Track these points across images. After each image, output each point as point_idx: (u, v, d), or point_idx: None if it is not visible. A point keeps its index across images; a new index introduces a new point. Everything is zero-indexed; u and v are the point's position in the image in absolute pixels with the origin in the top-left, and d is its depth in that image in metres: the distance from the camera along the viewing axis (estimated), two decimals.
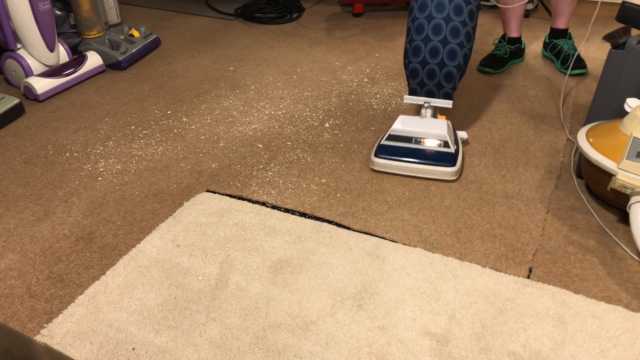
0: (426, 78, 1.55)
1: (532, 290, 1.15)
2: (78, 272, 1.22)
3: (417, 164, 1.50)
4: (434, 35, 1.50)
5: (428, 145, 1.52)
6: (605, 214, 1.38)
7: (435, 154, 1.51)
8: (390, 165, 1.52)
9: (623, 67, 1.45)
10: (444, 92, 1.56)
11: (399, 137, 1.55)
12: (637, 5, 1.52)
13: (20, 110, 1.90)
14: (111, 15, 2.36)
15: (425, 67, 1.53)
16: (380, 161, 1.53)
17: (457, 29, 1.48)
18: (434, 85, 1.55)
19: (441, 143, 1.51)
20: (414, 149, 1.52)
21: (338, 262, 1.23)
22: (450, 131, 1.55)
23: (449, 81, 1.53)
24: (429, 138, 1.53)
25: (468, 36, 1.49)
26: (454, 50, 1.49)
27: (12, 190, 1.51)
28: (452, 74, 1.52)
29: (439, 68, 1.52)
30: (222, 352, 1.02)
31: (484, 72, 2.16)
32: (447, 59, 1.50)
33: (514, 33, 2.19)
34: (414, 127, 1.55)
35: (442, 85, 1.54)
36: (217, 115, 1.90)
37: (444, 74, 1.52)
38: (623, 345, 1.02)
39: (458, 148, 1.55)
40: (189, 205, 1.42)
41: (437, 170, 1.49)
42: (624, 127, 1.31)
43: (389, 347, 1.02)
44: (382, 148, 1.55)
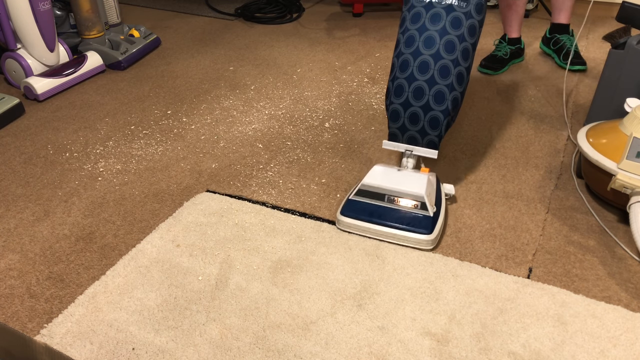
0: (408, 122, 1.35)
1: (532, 290, 1.15)
2: (78, 272, 1.22)
3: (388, 227, 1.28)
4: (419, 74, 1.30)
5: (402, 205, 1.30)
6: (605, 214, 1.38)
7: (409, 217, 1.28)
8: (357, 226, 1.31)
9: (623, 67, 1.45)
10: (428, 140, 1.35)
11: (369, 193, 1.33)
12: (637, 5, 1.52)
13: (20, 110, 1.90)
14: (111, 15, 2.36)
15: (408, 110, 1.33)
16: (345, 220, 1.31)
17: (447, 68, 1.29)
18: (417, 132, 1.35)
19: (417, 204, 1.29)
20: (386, 209, 1.31)
21: (338, 262, 1.23)
22: (431, 189, 1.33)
23: (434, 128, 1.33)
24: (403, 197, 1.31)
25: (460, 77, 1.30)
26: (441, 93, 1.30)
27: (12, 190, 1.51)
28: (438, 120, 1.31)
29: (423, 112, 1.32)
30: (222, 352, 1.02)
31: (484, 74, 2.16)
32: (433, 102, 1.31)
33: (514, 33, 2.19)
34: (388, 183, 1.32)
35: (426, 132, 1.34)
36: (217, 115, 1.90)
37: (429, 118, 1.32)
38: (623, 345, 1.02)
39: (439, 210, 1.32)
40: (189, 205, 1.42)
41: (409, 237, 1.26)
42: (624, 127, 1.31)
43: (389, 347, 1.02)
44: (349, 204, 1.33)
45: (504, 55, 2.18)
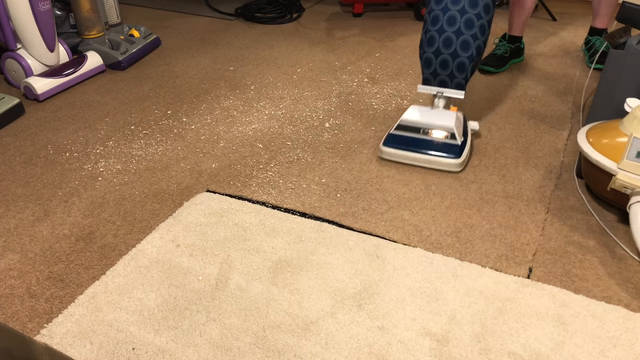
0: (439, 68, 1.59)
1: (532, 290, 1.15)
2: (78, 272, 1.22)
3: (423, 154, 1.55)
4: (448, 26, 1.55)
5: (435, 136, 1.57)
6: (605, 214, 1.38)
7: (441, 145, 1.55)
8: (397, 155, 1.58)
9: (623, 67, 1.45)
10: (456, 83, 1.60)
11: (407, 127, 1.60)
12: (637, 5, 1.52)
13: (20, 110, 1.90)
14: (111, 15, 2.36)
15: (439, 57, 1.58)
16: (387, 150, 1.59)
17: (472, 21, 1.52)
18: (447, 76, 1.60)
19: (448, 135, 1.56)
20: (421, 140, 1.57)
21: (338, 262, 1.23)
22: (459, 123, 1.59)
23: (461, 72, 1.57)
24: (436, 129, 1.57)
25: (482, 29, 1.53)
26: (467, 42, 1.53)
27: (12, 190, 1.51)
28: (464, 65, 1.56)
29: (451, 58, 1.56)
30: (222, 352, 1.02)
31: (484, 72, 2.17)
32: (460, 50, 1.55)
33: (516, 32, 2.21)
34: (423, 118, 1.60)
35: (454, 76, 1.59)
36: (217, 115, 1.90)
37: (457, 64, 1.56)
38: (623, 345, 1.02)
39: (466, 140, 1.58)
40: (189, 205, 1.42)
41: (442, 162, 1.54)
42: (624, 127, 1.31)
43: (389, 347, 1.02)
44: (390, 137, 1.60)
45: (504, 54, 2.20)
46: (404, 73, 2.20)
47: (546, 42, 2.48)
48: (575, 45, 2.45)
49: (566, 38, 2.54)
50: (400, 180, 1.52)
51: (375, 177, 1.54)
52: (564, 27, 2.68)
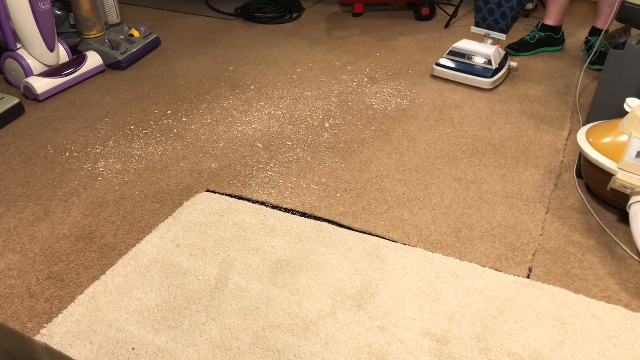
0: (487, 14, 2.01)
1: (532, 290, 1.15)
2: (78, 272, 1.22)
3: (464, 73, 2.03)
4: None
5: (476, 61, 2.05)
6: (605, 214, 1.38)
7: (479, 68, 2.02)
8: (445, 72, 2.08)
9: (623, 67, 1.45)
10: (499, 27, 2.02)
11: (456, 53, 2.09)
12: (637, 5, 1.52)
13: (20, 110, 1.90)
14: (111, 15, 2.36)
15: (487, 6, 2.00)
16: (438, 69, 2.09)
17: None
18: (493, 21, 2.01)
19: (486, 61, 2.02)
20: (465, 63, 2.06)
21: (338, 262, 1.23)
22: (498, 55, 2.04)
23: (504, 19, 1.98)
24: (477, 56, 2.05)
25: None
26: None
27: (12, 190, 1.51)
28: (506, 13, 1.96)
29: (497, 7, 1.97)
30: (222, 352, 1.02)
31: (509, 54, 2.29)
32: (504, 1, 1.95)
33: (550, 21, 2.29)
34: (469, 47, 2.08)
35: (498, 21, 2.00)
36: (217, 115, 1.90)
37: (501, 12, 1.97)
38: (623, 345, 1.02)
39: (501, 68, 2.03)
40: (189, 205, 1.42)
41: (477, 80, 2.01)
42: (624, 127, 1.31)
43: (389, 347, 1.02)
44: (443, 60, 2.10)
45: (530, 40, 2.30)
46: (404, 73, 2.20)
47: None
48: (575, 45, 2.45)
49: (566, 38, 2.54)
50: (400, 180, 1.52)
51: (375, 177, 1.54)
52: (564, 27, 2.68)
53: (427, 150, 1.67)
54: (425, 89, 2.06)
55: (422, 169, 1.58)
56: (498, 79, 2.01)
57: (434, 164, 1.60)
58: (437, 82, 2.11)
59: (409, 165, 1.59)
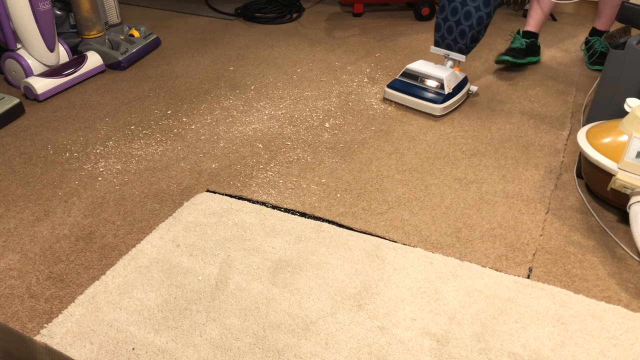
0: (446, 33, 1.86)
1: (532, 290, 1.15)
2: (78, 272, 1.22)
3: (414, 97, 1.87)
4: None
5: (428, 84, 1.88)
6: (605, 214, 1.38)
7: (430, 92, 1.86)
8: (395, 95, 1.92)
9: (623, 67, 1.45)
10: (458, 47, 1.86)
11: (409, 75, 1.93)
12: (637, 5, 1.52)
13: (20, 110, 1.90)
14: (111, 15, 2.36)
15: (446, 24, 1.85)
16: (389, 91, 1.93)
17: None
18: (452, 40, 1.86)
19: (439, 85, 1.85)
20: (416, 86, 1.89)
21: (338, 262, 1.23)
22: (453, 78, 1.87)
23: (462, 38, 1.82)
24: (430, 79, 1.88)
25: (486, 1, 1.75)
26: (469, 12, 1.78)
27: (12, 190, 1.51)
28: (464, 32, 1.81)
29: (455, 25, 1.82)
30: (222, 352, 1.02)
31: (504, 62, 2.16)
32: (463, 19, 1.80)
33: (530, 27, 2.22)
34: (423, 69, 1.91)
35: (457, 41, 1.85)
36: (217, 115, 1.90)
37: (459, 31, 1.82)
38: (623, 345, 1.02)
39: (455, 93, 1.86)
40: (189, 205, 1.42)
41: (426, 105, 1.84)
42: (624, 127, 1.31)
43: (389, 347, 1.02)
44: (394, 81, 1.95)
45: (520, 46, 2.20)
46: None
47: (546, 42, 2.48)
48: (575, 45, 2.45)
49: (566, 38, 2.54)
50: (400, 180, 1.53)
51: (375, 177, 1.54)
52: (564, 27, 2.68)
53: (427, 150, 1.67)
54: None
55: (422, 169, 1.58)
56: (449, 105, 1.84)
57: (434, 164, 1.60)
58: None
59: (409, 165, 1.59)
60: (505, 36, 2.57)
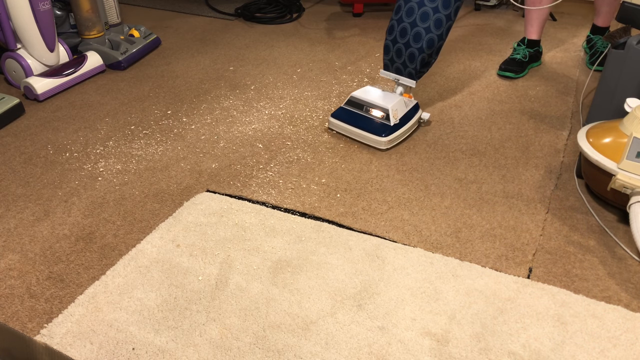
0: (395, 56, 1.69)
1: (532, 290, 1.15)
2: (78, 272, 1.22)
3: (359, 128, 1.68)
4: (406, 17, 1.63)
5: (373, 114, 1.69)
6: (605, 214, 1.38)
7: (374, 123, 1.67)
8: (340, 127, 1.73)
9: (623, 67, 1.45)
10: (407, 72, 1.69)
11: (354, 104, 1.74)
12: (637, 5, 1.52)
13: (20, 110, 1.90)
14: (111, 15, 2.36)
15: (395, 46, 1.67)
16: (333, 121, 1.74)
17: (427, 14, 1.59)
18: (401, 64, 1.69)
19: (384, 115, 1.67)
20: (361, 116, 1.70)
21: (338, 262, 1.23)
22: (400, 107, 1.69)
23: (412, 62, 1.65)
24: (375, 109, 1.70)
25: (438, 23, 1.59)
26: (419, 34, 1.61)
27: (12, 190, 1.51)
28: (414, 56, 1.64)
29: (405, 48, 1.65)
30: (222, 352, 1.02)
31: (504, 77, 2.13)
32: (412, 41, 1.62)
33: (534, 35, 2.16)
34: (369, 97, 1.72)
35: (406, 65, 1.67)
36: (217, 115, 1.90)
37: (408, 54, 1.65)
38: (623, 345, 1.02)
39: (402, 124, 1.68)
40: (189, 205, 1.42)
41: (370, 138, 1.66)
42: (624, 127, 1.31)
43: (389, 347, 1.02)
44: (339, 110, 1.76)
45: (522, 58, 2.15)
46: None
47: (546, 42, 2.48)
48: (575, 45, 2.45)
49: (566, 38, 2.54)
50: (400, 180, 1.53)
51: (375, 177, 1.54)
52: (564, 27, 2.68)
53: (427, 150, 1.67)
54: (425, 88, 2.06)
55: (422, 169, 1.58)
56: (396, 137, 1.66)
57: (434, 164, 1.60)
58: (436, 82, 2.11)
59: (409, 165, 1.59)
60: (505, 36, 2.57)
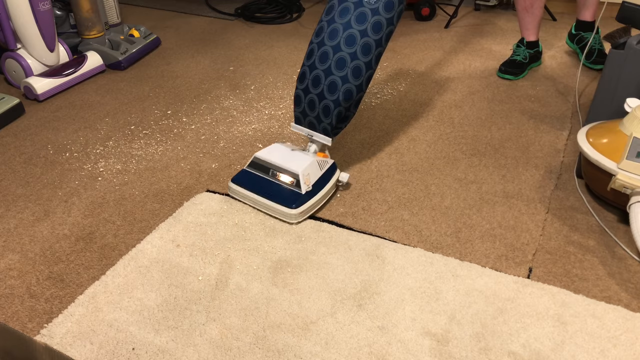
0: (307, 108, 1.42)
1: (532, 290, 1.15)
2: (78, 272, 1.22)
3: (264, 197, 1.37)
4: (320, 63, 1.37)
5: (282, 180, 1.39)
6: (605, 214, 1.38)
7: (283, 191, 1.37)
8: (241, 194, 1.42)
9: (623, 67, 1.45)
10: (322, 127, 1.42)
11: (259, 166, 1.44)
12: (637, 5, 1.52)
13: (20, 110, 1.90)
14: (111, 15, 2.36)
15: (307, 96, 1.41)
16: (233, 187, 1.43)
17: (344, 60, 1.34)
18: (314, 118, 1.42)
19: (294, 181, 1.37)
20: (267, 182, 1.40)
21: (338, 262, 1.23)
22: (313, 170, 1.40)
23: (326, 116, 1.39)
24: (283, 173, 1.40)
25: (357, 71, 1.34)
26: (334, 83, 1.35)
27: (12, 190, 1.51)
28: (329, 109, 1.38)
29: (318, 99, 1.39)
30: (222, 352, 1.02)
31: (504, 79, 2.13)
32: (327, 92, 1.37)
33: (531, 37, 2.15)
34: (275, 159, 1.42)
35: (320, 119, 1.41)
36: (217, 115, 1.90)
37: (322, 106, 1.39)
38: (623, 345, 1.02)
39: (316, 191, 1.38)
40: (189, 205, 1.42)
41: (278, 209, 1.35)
42: (624, 127, 1.31)
43: (389, 347, 1.02)
44: (241, 174, 1.45)
45: (523, 60, 2.14)
46: (404, 73, 2.20)
47: (546, 42, 2.48)
48: None
49: (562, 37, 2.54)
50: (400, 180, 1.53)
51: (375, 177, 1.54)
52: (564, 27, 2.68)
53: (427, 150, 1.67)
54: (425, 89, 2.06)
55: (422, 169, 1.58)
56: (309, 208, 1.36)
57: (434, 164, 1.60)
58: (436, 82, 2.11)
59: (409, 165, 1.59)
60: (505, 36, 2.57)
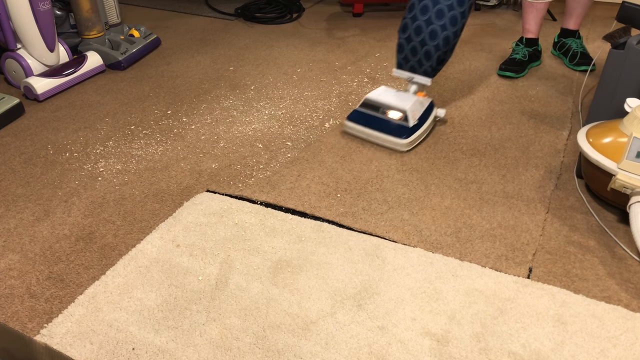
0: (410, 54, 1.67)
1: (532, 290, 1.15)
2: (78, 272, 1.22)
3: (377, 131, 1.65)
4: (421, 15, 1.62)
5: (390, 116, 1.66)
6: (605, 214, 1.38)
7: (393, 125, 1.64)
8: (356, 129, 1.70)
9: (623, 67, 1.45)
10: (423, 70, 1.67)
11: (370, 105, 1.70)
12: (637, 5, 1.52)
13: (20, 110, 1.90)
14: (111, 15, 2.36)
15: (410, 44, 1.65)
16: (349, 124, 1.71)
17: (442, 11, 1.58)
18: (416, 62, 1.67)
19: (402, 117, 1.64)
20: (378, 118, 1.67)
21: (338, 262, 1.23)
22: (417, 107, 1.66)
23: (428, 59, 1.64)
24: (392, 110, 1.66)
25: (453, 20, 1.58)
26: (435, 31, 1.60)
27: (12, 190, 1.51)
28: (430, 53, 1.62)
29: (420, 46, 1.63)
30: (222, 352, 1.02)
31: (504, 77, 2.13)
32: (428, 39, 1.61)
33: (531, 34, 2.16)
34: (384, 99, 1.69)
35: (422, 63, 1.66)
36: (217, 115, 1.90)
37: (424, 52, 1.63)
38: (623, 345, 1.02)
39: (421, 124, 1.65)
40: (189, 205, 1.42)
41: (390, 140, 1.63)
42: (624, 127, 1.31)
43: (389, 347, 1.02)
44: (354, 113, 1.72)
45: (522, 58, 2.14)
46: None
47: (546, 42, 2.48)
48: None
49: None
50: (400, 180, 1.52)
51: (375, 177, 1.54)
52: None
53: (427, 150, 1.67)
54: (424, 88, 2.06)
55: (422, 169, 1.58)
56: (416, 138, 1.64)
57: (434, 164, 1.60)
58: (436, 82, 2.11)
59: (409, 165, 1.59)
60: (505, 36, 2.57)
